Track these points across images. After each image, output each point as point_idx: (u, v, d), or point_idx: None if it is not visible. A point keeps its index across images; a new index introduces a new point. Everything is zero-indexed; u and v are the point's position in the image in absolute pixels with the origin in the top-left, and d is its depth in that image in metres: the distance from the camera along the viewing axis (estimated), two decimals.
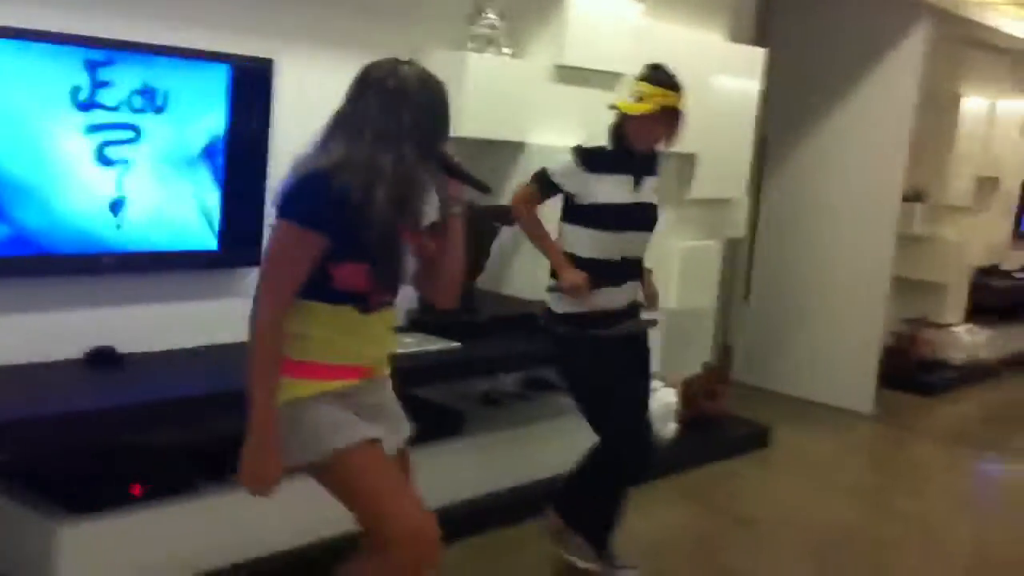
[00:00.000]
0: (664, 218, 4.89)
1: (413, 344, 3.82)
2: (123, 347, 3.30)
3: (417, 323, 4.04)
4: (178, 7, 3.37)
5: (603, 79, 4.49)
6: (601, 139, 4.09)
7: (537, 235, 3.55)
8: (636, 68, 4.46)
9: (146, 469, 3.16)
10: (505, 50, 4.15)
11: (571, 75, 4.16)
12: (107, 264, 3.27)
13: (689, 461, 4.96)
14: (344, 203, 2.21)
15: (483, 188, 2.56)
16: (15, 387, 2.98)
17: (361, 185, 2.21)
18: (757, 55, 5.35)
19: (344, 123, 2.29)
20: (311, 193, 2.23)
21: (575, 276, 3.43)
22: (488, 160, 4.22)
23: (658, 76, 3.47)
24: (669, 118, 3.47)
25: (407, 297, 4.16)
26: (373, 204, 2.21)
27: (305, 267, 2.27)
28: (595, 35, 4.25)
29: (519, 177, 3.93)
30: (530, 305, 3.99)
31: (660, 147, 3.57)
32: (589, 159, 3.48)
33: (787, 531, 4.50)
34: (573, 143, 4.38)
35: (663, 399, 4.93)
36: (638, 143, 3.50)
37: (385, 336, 2.50)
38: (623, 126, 3.49)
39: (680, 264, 5.05)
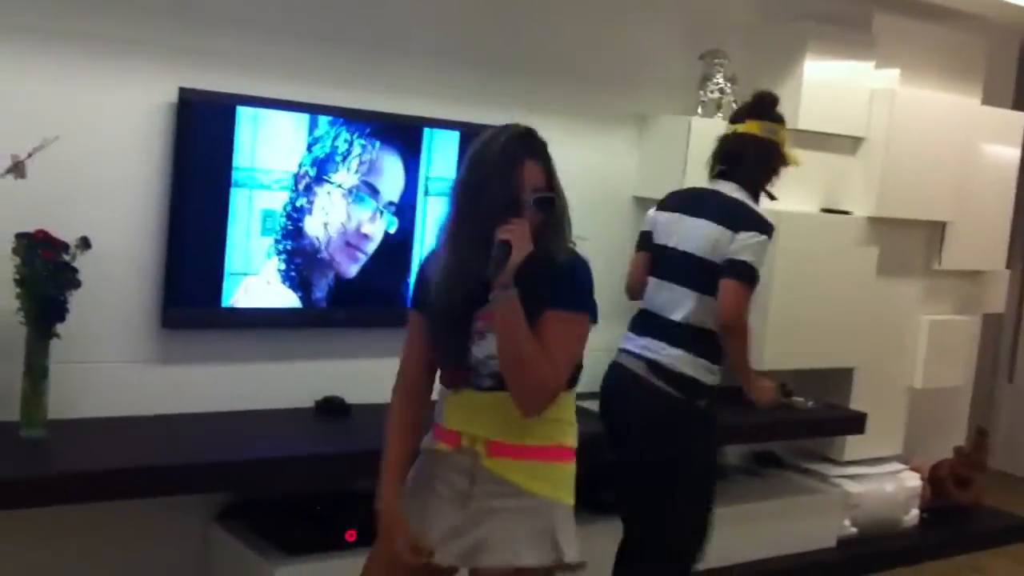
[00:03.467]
0: (909, 289, 4.70)
1: None
2: (351, 398, 3.42)
3: None
4: (424, 87, 3.57)
5: (842, 144, 4.36)
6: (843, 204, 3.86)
7: (747, 356, 3.12)
8: (880, 133, 4.31)
9: (363, 515, 3.25)
10: None
11: (807, 140, 4.02)
12: (340, 319, 3.45)
13: (932, 552, 4.62)
14: (420, 282, 2.36)
15: (501, 284, 2.11)
16: (247, 431, 3.17)
17: (426, 264, 2.37)
18: (1016, 120, 5.01)
19: None
20: (416, 276, 2.43)
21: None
22: None
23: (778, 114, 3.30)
24: None
25: None
26: (430, 282, 2.29)
27: (414, 342, 2.37)
28: (833, 98, 4.11)
29: None
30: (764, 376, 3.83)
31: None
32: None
33: None
34: (810, 208, 4.29)
35: (905, 483, 4.64)
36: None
37: (479, 416, 2.27)
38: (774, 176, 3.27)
39: (927, 340, 4.75)
